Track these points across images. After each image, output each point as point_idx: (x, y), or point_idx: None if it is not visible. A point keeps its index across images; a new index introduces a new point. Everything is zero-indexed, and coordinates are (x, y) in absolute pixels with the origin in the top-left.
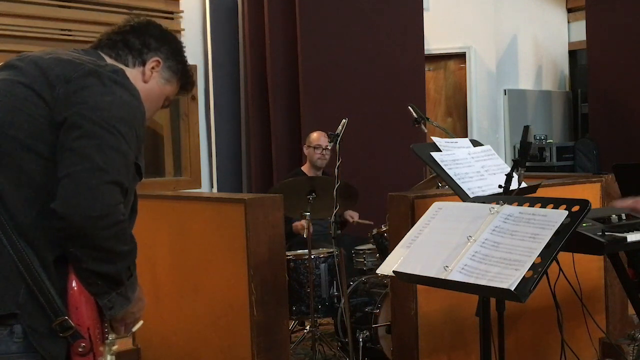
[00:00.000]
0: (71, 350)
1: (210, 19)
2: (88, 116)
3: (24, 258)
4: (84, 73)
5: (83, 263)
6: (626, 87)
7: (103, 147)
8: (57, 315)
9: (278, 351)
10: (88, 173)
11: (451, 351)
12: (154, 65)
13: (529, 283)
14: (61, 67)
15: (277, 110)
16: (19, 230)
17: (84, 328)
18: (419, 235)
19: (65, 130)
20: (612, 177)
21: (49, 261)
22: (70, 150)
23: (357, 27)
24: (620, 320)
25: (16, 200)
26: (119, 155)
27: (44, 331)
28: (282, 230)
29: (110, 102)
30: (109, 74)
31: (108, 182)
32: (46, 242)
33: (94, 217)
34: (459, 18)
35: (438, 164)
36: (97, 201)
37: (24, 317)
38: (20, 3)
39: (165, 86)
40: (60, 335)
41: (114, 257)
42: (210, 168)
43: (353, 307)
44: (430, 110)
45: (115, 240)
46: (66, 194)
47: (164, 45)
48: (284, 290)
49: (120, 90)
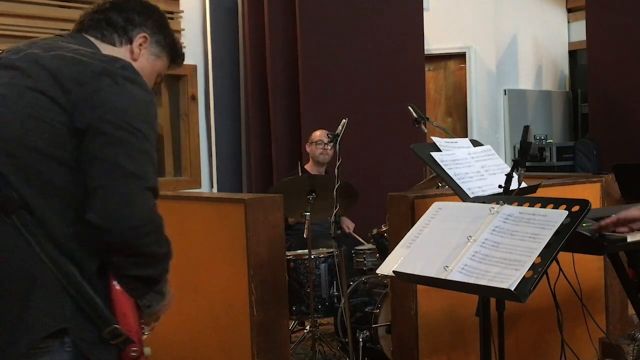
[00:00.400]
0: (123, 355)
1: (210, 19)
2: (110, 120)
3: (64, 271)
4: (96, 74)
5: (126, 270)
6: (626, 87)
7: (131, 152)
8: (106, 324)
9: (278, 351)
10: (123, 182)
11: (451, 351)
12: (142, 42)
13: (529, 283)
14: (70, 68)
15: (277, 110)
16: (56, 242)
17: (133, 333)
18: (419, 235)
19: (90, 138)
20: (612, 177)
21: (92, 271)
22: (99, 159)
23: (357, 27)
24: (620, 320)
25: (47, 212)
26: (146, 158)
27: (94, 340)
28: (282, 230)
29: (128, 103)
30: (121, 72)
31: (143, 189)
32: (86, 252)
33: (136, 227)
34: (459, 18)
35: (438, 164)
36: (136, 210)
37: (73, 330)
38: (20, 3)
39: (155, 62)
40: (111, 343)
41: (155, 261)
42: (210, 168)
43: (353, 307)
44: (430, 110)
45: (156, 245)
46: (104, 206)
47: (148, 20)
48: (284, 290)
49: (134, 88)
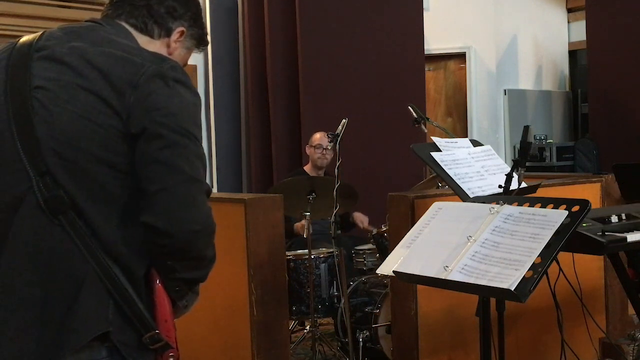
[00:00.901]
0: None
1: (210, 19)
2: (165, 123)
3: (110, 275)
4: (149, 76)
5: (177, 273)
6: (626, 87)
7: (188, 155)
8: (147, 329)
9: (278, 351)
10: (184, 185)
11: (451, 351)
12: (179, 36)
13: (529, 283)
14: (121, 69)
15: (277, 110)
16: (103, 246)
17: (172, 339)
18: (419, 235)
19: (145, 141)
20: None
21: (139, 276)
22: (157, 162)
23: (357, 27)
24: (620, 320)
25: (96, 215)
26: (200, 161)
27: (134, 344)
28: (282, 230)
29: (180, 106)
30: (172, 74)
31: (202, 192)
32: (134, 258)
33: (197, 231)
34: (459, 18)
35: (438, 164)
36: (197, 213)
37: (115, 333)
38: (20, 3)
39: (186, 54)
40: (150, 348)
41: (205, 264)
42: (210, 168)
43: (353, 307)
44: (430, 110)
45: (210, 249)
46: (166, 209)
47: (188, 11)
48: (284, 290)
49: (183, 90)
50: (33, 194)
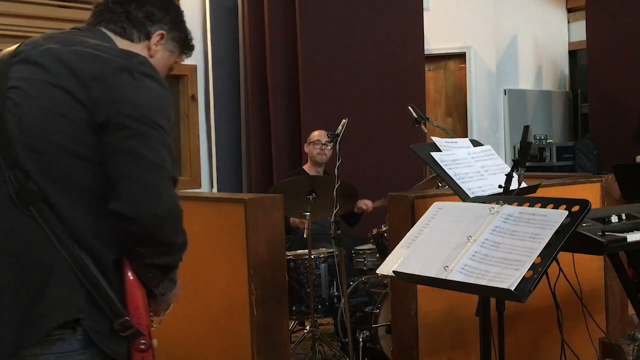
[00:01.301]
0: (132, 347)
1: (210, 19)
2: (130, 114)
3: (80, 263)
4: (115, 70)
5: (147, 259)
6: (626, 87)
7: (152, 144)
8: (118, 317)
9: (278, 351)
10: (148, 172)
11: (451, 351)
12: (159, 39)
13: (529, 283)
14: (89, 64)
15: (277, 110)
16: (73, 235)
17: (143, 326)
18: (419, 235)
19: (111, 131)
20: (612, 177)
21: (108, 264)
22: (121, 152)
23: (357, 27)
24: (620, 320)
25: (66, 205)
26: (166, 150)
27: (105, 331)
28: (282, 230)
29: (146, 97)
30: (139, 67)
31: (166, 178)
32: (103, 246)
33: (162, 216)
34: (459, 18)
35: (438, 164)
36: (161, 199)
37: (85, 320)
38: (20, 3)
39: (169, 57)
40: (121, 335)
41: (175, 249)
42: (210, 168)
43: (353, 307)
44: (430, 110)
45: (177, 234)
46: (130, 195)
47: (167, 15)
48: (284, 290)
49: (151, 83)
50: (6, 186)
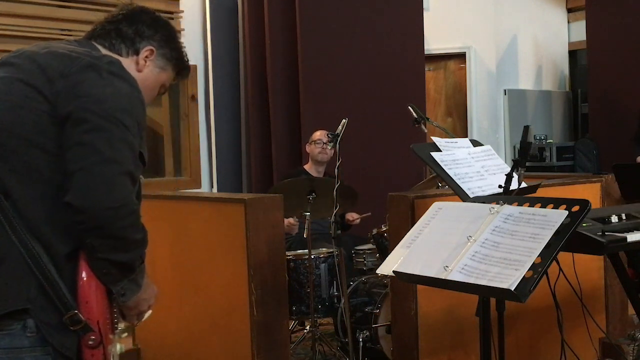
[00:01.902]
0: (82, 342)
1: (210, 19)
2: (93, 109)
3: (33, 254)
4: (81, 67)
5: (99, 253)
6: (626, 87)
7: (111, 139)
8: (68, 310)
9: (278, 351)
10: (102, 165)
11: (451, 351)
12: (148, 54)
13: (529, 283)
14: (58, 62)
15: (277, 110)
16: (29, 226)
17: (93, 321)
18: (419, 235)
19: (72, 125)
20: (612, 177)
21: (61, 256)
22: (79, 144)
23: (357, 27)
24: (620, 320)
25: (26, 197)
26: (126, 147)
27: (55, 325)
28: (282, 230)
29: (111, 94)
30: (106, 66)
31: (121, 173)
32: (57, 237)
33: (113, 208)
34: (459, 18)
35: (438, 164)
36: (114, 192)
37: (35, 312)
38: (20, 3)
39: (160, 74)
40: (71, 329)
41: (129, 246)
42: (210, 168)
43: (353, 307)
44: (430, 110)
45: (131, 229)
46: (82, 187)
47: (157, 33)
48: (284, 290)
49: (119, 82)
50: None
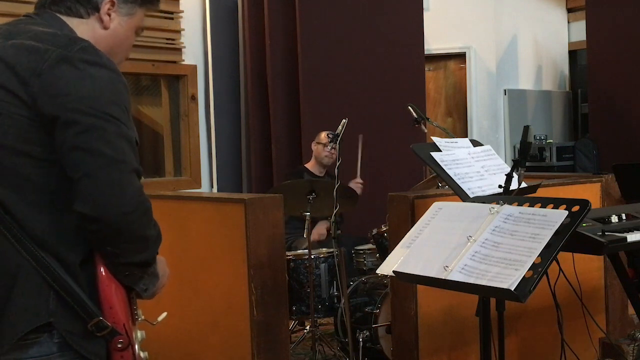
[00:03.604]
0: (110, 346)
1: (210, 19)
2: (78, 109)
3: (45, 266)
4: (53, 62)
5: (121, 258)
6: (626, 87)
7: (107, 137)
8: (91, 317)
9: (278, 351)
10: (107, 169)
11: (451, 351)
12: (109, 7)
13: (529, 283)
14: (27, 58)
15: (277, 110)
16: (34, 238)
17: (119, 325)
18: (419, 235)
19: (62, 129)
20: (612, 177)
21: (75, 263)
22: (75, 149)
23: (357, 27)
24: (620, 320)
25: (23, 208)
26: (124, 141)
27: (80, 333)
28: (282, 230)
29: (92, 87)
30: (80, 55)
31: (128, 172)
32: (66, 247)
33: (128, 213)
34: (459, 18)
35: (438, 164)
36: (125, 196)
37: (58, 323)
38: (20, 3)
39: (129, 21)
40: (97, 335)
41: (148, 244)
42: (210, 168)
43: (353, 307)
44: (430, 110)
45: (148, 228)
46: (91, 195)
47: None
48: (284, 290)
49: (97, 70)
50: None
